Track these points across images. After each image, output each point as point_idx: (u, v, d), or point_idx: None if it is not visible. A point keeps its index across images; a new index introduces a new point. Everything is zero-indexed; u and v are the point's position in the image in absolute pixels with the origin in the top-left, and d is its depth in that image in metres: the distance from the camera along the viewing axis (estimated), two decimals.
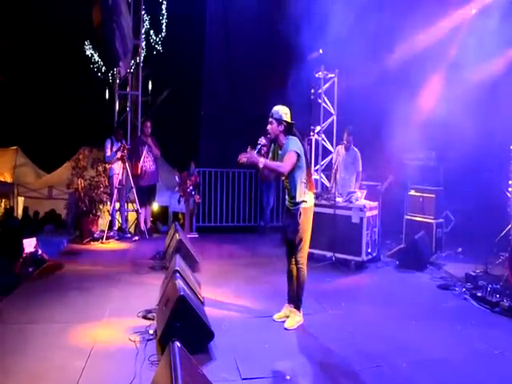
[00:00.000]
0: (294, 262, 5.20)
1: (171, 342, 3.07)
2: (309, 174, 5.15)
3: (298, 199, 5.06)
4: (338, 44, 8.58)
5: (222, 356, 4.29)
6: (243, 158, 4.86)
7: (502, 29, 8.09)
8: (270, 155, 5.30)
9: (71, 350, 4.32)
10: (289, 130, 5.09)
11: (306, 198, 5.07)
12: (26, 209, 14.62)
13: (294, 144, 5.00)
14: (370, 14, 9.00)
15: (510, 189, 7.82)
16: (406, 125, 8.40)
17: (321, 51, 9.45)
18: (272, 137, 5.11)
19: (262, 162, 4.88)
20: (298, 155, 4.97)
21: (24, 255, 6.92)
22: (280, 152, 5.13)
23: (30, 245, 7.11)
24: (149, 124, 9.78)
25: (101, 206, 9.58)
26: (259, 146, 5.11)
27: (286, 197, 5.26)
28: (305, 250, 5.15)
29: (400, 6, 8.92)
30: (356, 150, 8.60)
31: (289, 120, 5.09)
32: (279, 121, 5.03)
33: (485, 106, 8.02)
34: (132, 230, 10.18)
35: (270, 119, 5.07)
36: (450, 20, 9.19)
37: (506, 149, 7.65)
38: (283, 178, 5.19)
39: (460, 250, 8.60)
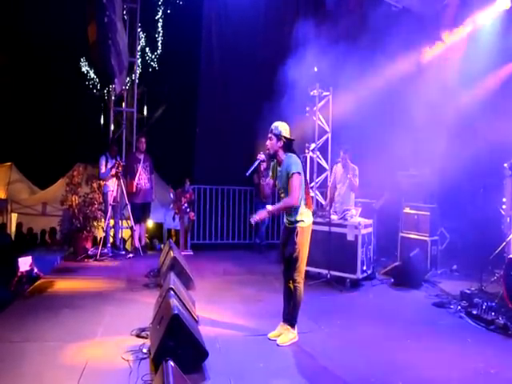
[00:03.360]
0: (290, 280, 5.18)
1: (165, 361, 3.05)
2: (307, 192, 5.14)
3: (296, 218, 5.05)
4: (332, 62, 8.65)
5: (216, 375, 4.24)
6: (254, 220, 5.02)
7: (490, 51, 8.24)
8: (270, 173, 5.31)
9: (64, 369, 4.26)
10: (288, 146, 5.07)
11: (304, 217, 5.05)
12: (19, 225, 14.57)
13: (295, 164, 4.95)
14: (363, 32, 9.11)
15: (504, 206, 7.85)
16: (401, 142, 8.43)
17: (316, 69, 9.49)
18: (271, 152, 5.08)
19: (269, 211, 5.02)
20: (300, 174, 4.96)
21: (19, 273, 6.86)
22: (279, 169, 5.12)
23: (25, 263, 7.05)
24: (143, 140, 9.76)
25: (95, 223, 9.53)
26: (258, 162, 5.12)
27: (285, 214, 5.25)
28: (301, 268, 5.12)
29: (392, 27, 9.00)
30: (354, 165, 8.53)
31: (288, 136, 5.07)
32: (278, 136, 5.01)
33: (480, 122, 8.07)
34: (128, 246, 10.13)
35: (270, 135, 5.04)
36: (442, 40, 9.30)
37: (500, 166, 7.68)
38: (282, 195, 5.18)
39: (455, 267, 8.60)
